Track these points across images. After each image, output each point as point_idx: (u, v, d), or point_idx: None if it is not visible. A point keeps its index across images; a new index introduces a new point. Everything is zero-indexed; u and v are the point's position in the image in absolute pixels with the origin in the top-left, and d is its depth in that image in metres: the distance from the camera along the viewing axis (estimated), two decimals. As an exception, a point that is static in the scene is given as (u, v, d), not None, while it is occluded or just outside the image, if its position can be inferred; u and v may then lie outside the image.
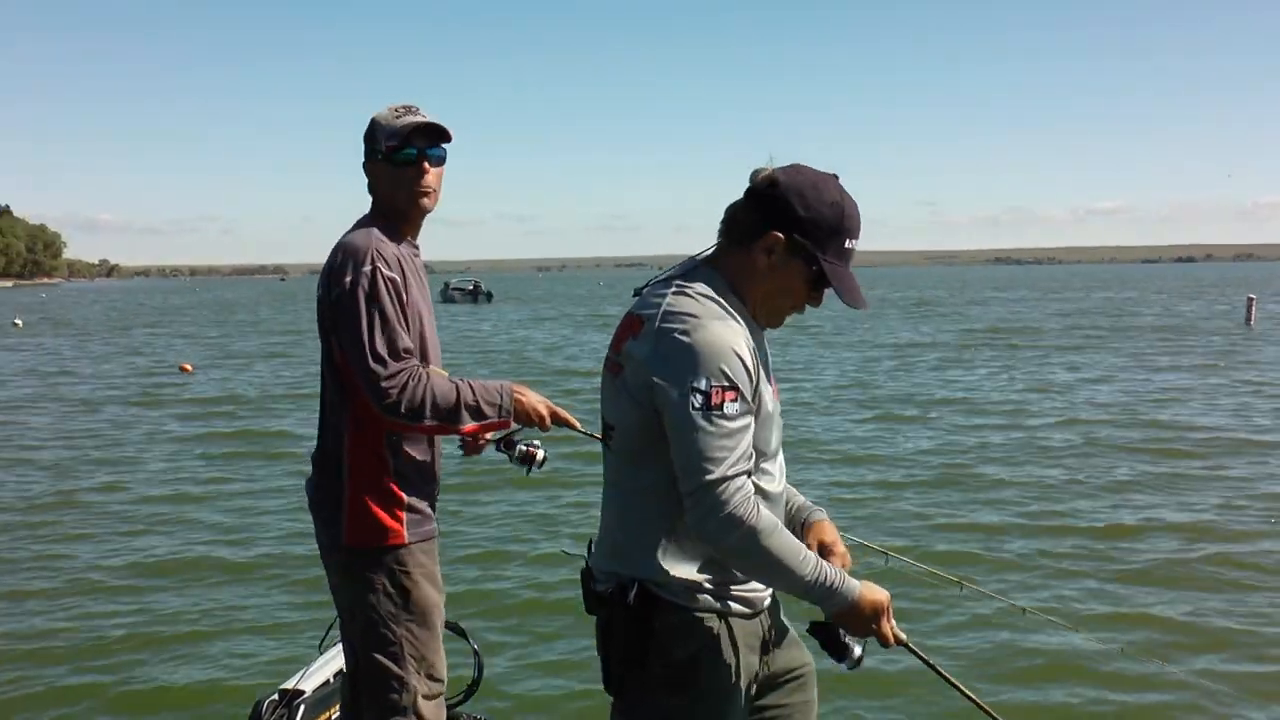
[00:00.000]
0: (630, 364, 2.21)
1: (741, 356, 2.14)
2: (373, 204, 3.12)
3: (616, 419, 2.27)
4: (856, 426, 14.77)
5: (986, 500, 9.97)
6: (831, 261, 2.24)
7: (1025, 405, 16.37)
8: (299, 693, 3.63)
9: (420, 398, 2.86)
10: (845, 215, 2.25)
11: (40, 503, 10.37)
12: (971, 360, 24.47)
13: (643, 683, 2.25)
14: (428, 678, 3.04)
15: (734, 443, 2.10)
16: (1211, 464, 11.43)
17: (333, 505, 3.02)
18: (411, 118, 3.02)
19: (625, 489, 2.30)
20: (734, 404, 2.11)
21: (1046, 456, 12.08)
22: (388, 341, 2.87)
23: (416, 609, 3.01)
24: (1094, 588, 7.25)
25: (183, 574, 7.97)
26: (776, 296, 2.30)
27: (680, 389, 2.10)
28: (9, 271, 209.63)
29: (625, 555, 2.27)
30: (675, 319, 2.17)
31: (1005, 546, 8.32)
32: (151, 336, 38.73)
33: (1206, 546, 8.16)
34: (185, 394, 19.75)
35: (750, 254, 2.27)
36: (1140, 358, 23.97)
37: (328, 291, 2.96)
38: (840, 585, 2.17)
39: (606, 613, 2.29)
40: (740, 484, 2.10)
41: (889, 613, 2.25)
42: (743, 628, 2.30)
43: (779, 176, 2.25)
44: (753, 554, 2.11)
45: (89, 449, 13.61)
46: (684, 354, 2.12)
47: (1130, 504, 9.66)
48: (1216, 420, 14.58)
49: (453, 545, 8.19)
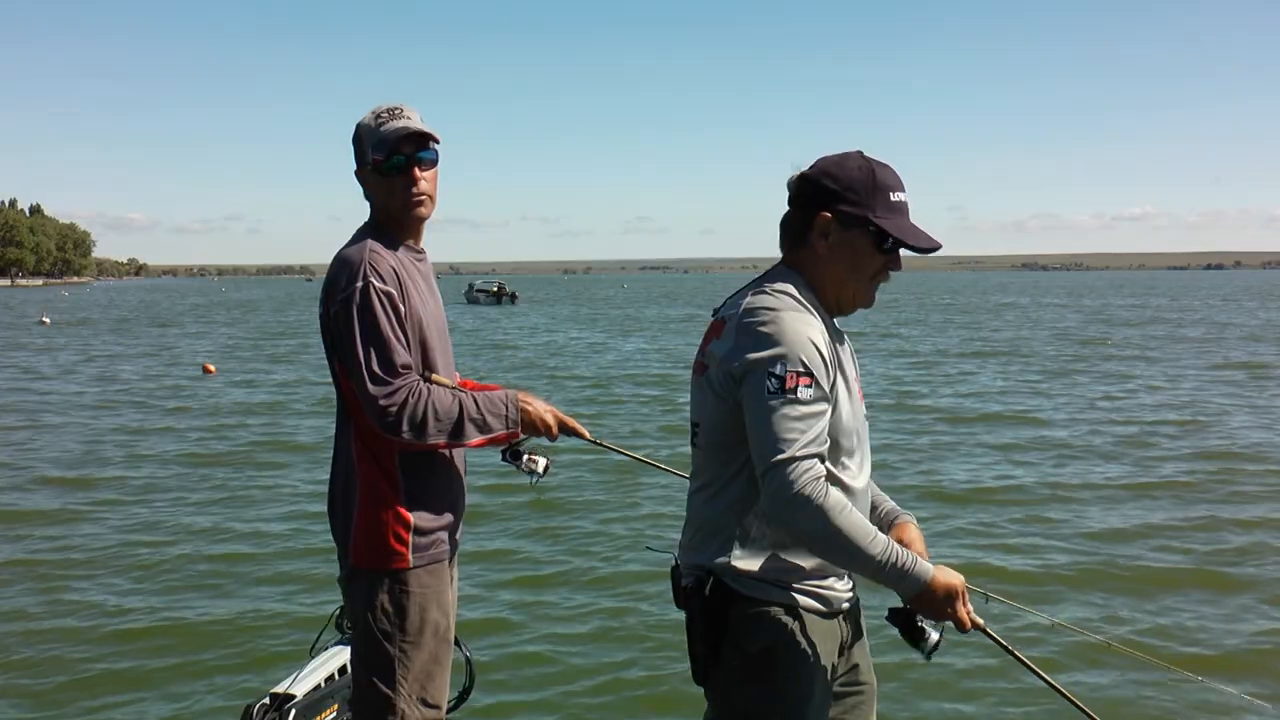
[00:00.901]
0: (713, 362, 2.32)
1: (817, 345, 2.23)
2: (370, 212, 3.05)
3: (701, 416, 2.37)
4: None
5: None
6: (883, 217, 2.32)
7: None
8: (290, 697, 3.58)
9: (422, 414, 2.80)
10: (876, 174, 2.34)
11: (35, 502, 10.41)
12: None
13: (724, 674, 2.31)
14: (420, 702, 2.95)
15: (806, 425, 2.17)
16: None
17: (344, 523, 2.97)
18: (396, 122, 2.93)
19: (708, 486, 2.36)
20: (808, 389, 2.18)
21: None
22: (383, 359, 2.80)
23: (413, 631, 2.93)
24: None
25: (174, 576, 7.99)
26: (851, 275, 2.38)
27: (757, 374, 2.20)
28: (40, 270, 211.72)
29: (705, 550, 2.34)
30: (754, 314, 2.28)
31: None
32: (179, 335, 38.99)
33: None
34: (207, 396, 19.84)
35: (811, 247, 2.38)
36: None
37: (326, 309, 2.91)
38: (913, 567, 2.20)
39: (689, 606, 2.36)
40: (810, 465, 2.15)
41: (965, 596, 2.28)
42: (818, 625, 2.34)
43: (806, 171, 2.40)
44: (821, 533, 2.15)
45: (92, 446, 13.70)
46: (761, 342, 2.22)
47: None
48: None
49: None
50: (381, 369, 2.79)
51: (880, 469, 2.85)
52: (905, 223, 2.36)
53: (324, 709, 3.62)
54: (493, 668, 5.89)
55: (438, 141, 2.98)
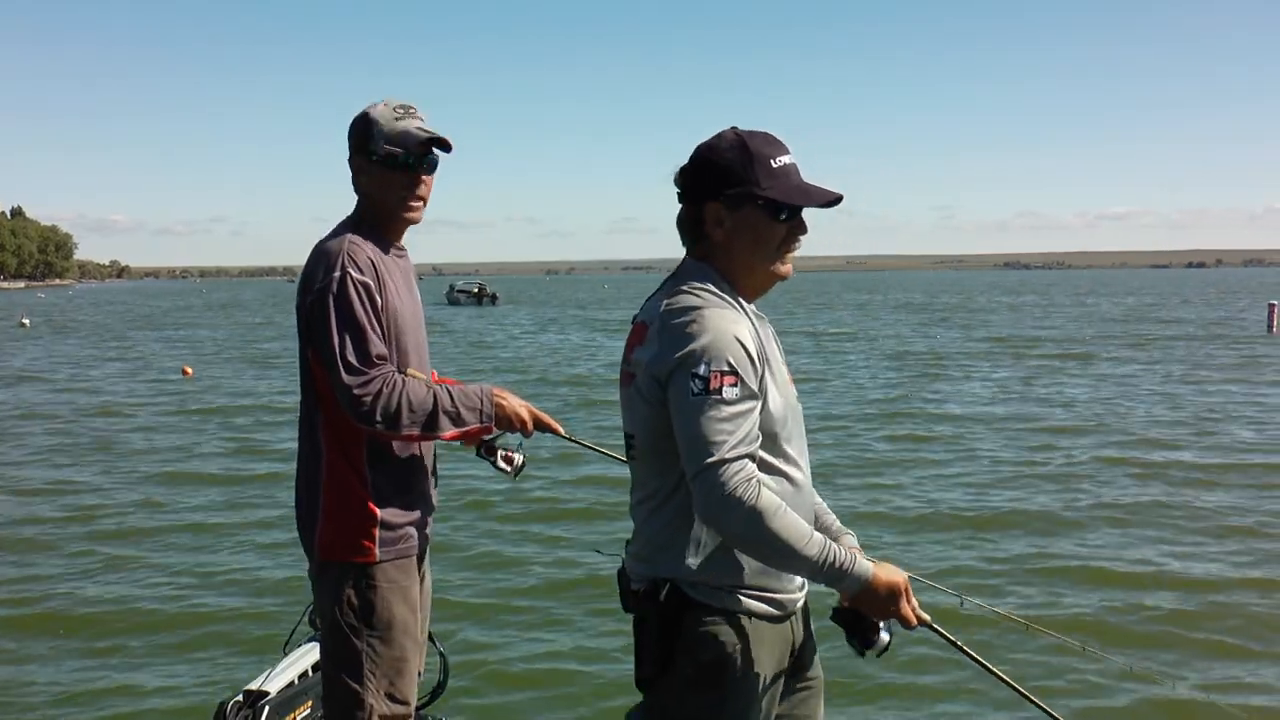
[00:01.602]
0: (639, 369, 2.25)
1: (742, 342, 2.17)
2: (358, 203, 3.04)
3: (635, 427, 2.30)
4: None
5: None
6: (769, 185, 2.26)
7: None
8: (263, 694, 3.57)
9: (396, 405, 2.79)
10: (749, 145, 2.28)
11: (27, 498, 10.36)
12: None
13: (672, 681, 2.25)
14: (388, 697, 2.94)
15: (734, 425, 2.11)
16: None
17: (309, 517, 2.96)
18: (413, 121, 2.95)
19: (651, 497, 2.30)
20: (734, 388, 2.12)
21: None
22: (358, 349, 2.79)
23: (380, 625, 2.92)
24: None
25: (143, 572, 7.96)
26: (757, 254, 2.32)
27: (680, 376, 2.14)
28: (21, 272, 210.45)
29: (656, 556, 2.28)
30: (675, 315, 2.21)
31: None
32: (153, 340, 38.78)
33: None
34: (186, 396, 19.76)
35: (709, 239, 2.32)
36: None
37: (304, 299, 2.90)
38: (852, 566, 2.16)
39: (640, 611, 2.31)
40: (740, 466, 2.09)
41: (908, 593, 2.24)
42: (771, 631, 2.29)
43: (685, 165, 2.35)
44: (755, 535, 2.10)
45: (69, 447, 13.64)
46: (683, 343, 2.15)
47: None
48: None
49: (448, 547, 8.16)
50: (357, 358, 2.79)
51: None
52: (794, 185, 2.29)
53: (297, 705, 3.62)
54: (467, 666, 5.88)
55: (451, 149, 3.01)
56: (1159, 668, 5.78)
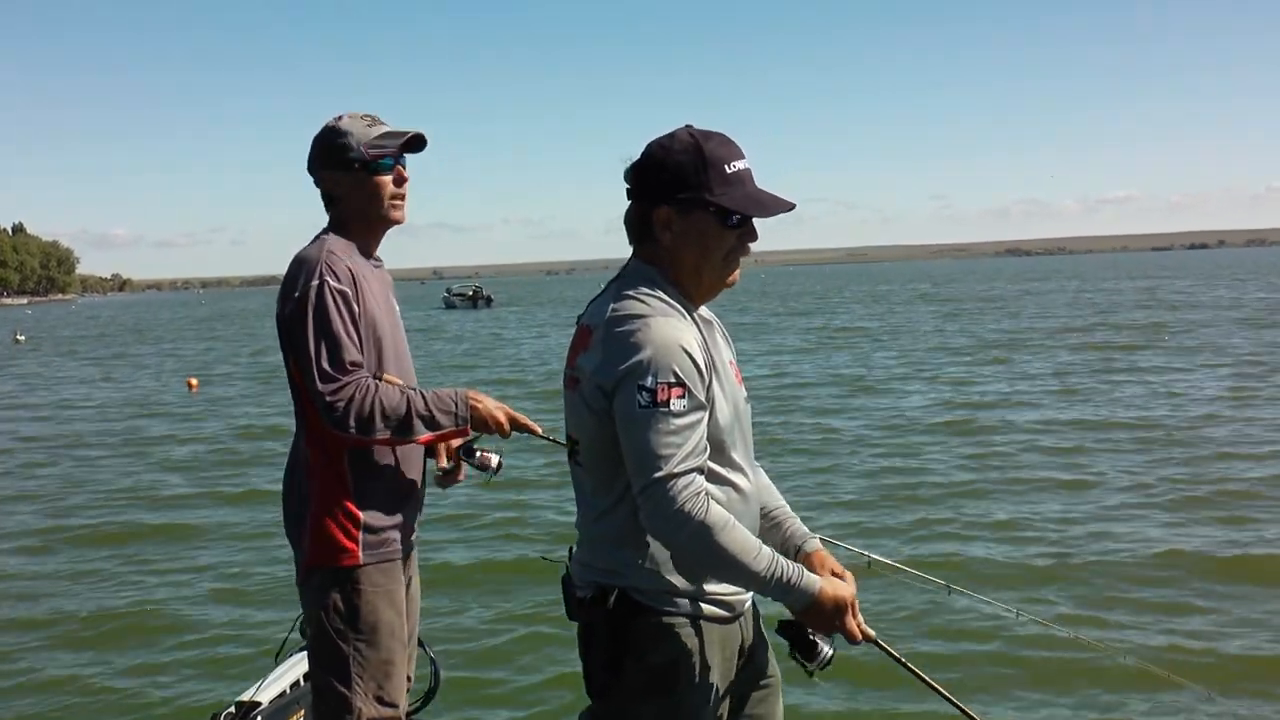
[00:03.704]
0: (584, 376, 2.20)
1: (689, 351, 2.11)
2: (334, 216, 3.04)
3: (580, 432, 2.25)
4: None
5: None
6: (721, 193, 2.19)
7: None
8: (255, 704, 3.58)
9: (369, 410, 2.79)
10: (704, 149, 2.20)
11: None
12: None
13: (622, 688, 2.22)
14: (376, 700, 2.94)
15: (682, 439, 2.07)
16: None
17: (297, 523, 2.97)
18: (385, 127, 2.99)
19: (597, 499, 2.26)
20: (681, 400, 2.08)
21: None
22: (333, 356, 2.81)
23: (366, 628, 2.93)
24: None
25: (136, 582, 7.97)
26: (704, 261, 2.25)
27: (627, 388, 2.09)
28: (24, 288, 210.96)
29: (603, 562, 2.25)
30: (621, 322, 2.15)
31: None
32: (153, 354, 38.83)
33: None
34: (184, 409, 19.78)
35: (657, 241, 2.25)
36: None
37: (283, 308, 2.91)
38: (799, 581, 2.13)
39: (587, 618, 2.27)
40: (688, 481, 2.07)
41: (854, 608, 2.21)
42: (721, 633, 2.26)
43: (635, 162, 2.27)
44: (704, 550, 2.08)
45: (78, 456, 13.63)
46: (629, 353, 2.10)
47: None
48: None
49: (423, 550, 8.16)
50: (331, 365, 2.80)
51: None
52: (747, 193, 2.22)
53: (289, 715, 3.62)
54: (459, 669, 5.87)
55: (424, 148, 3.06)
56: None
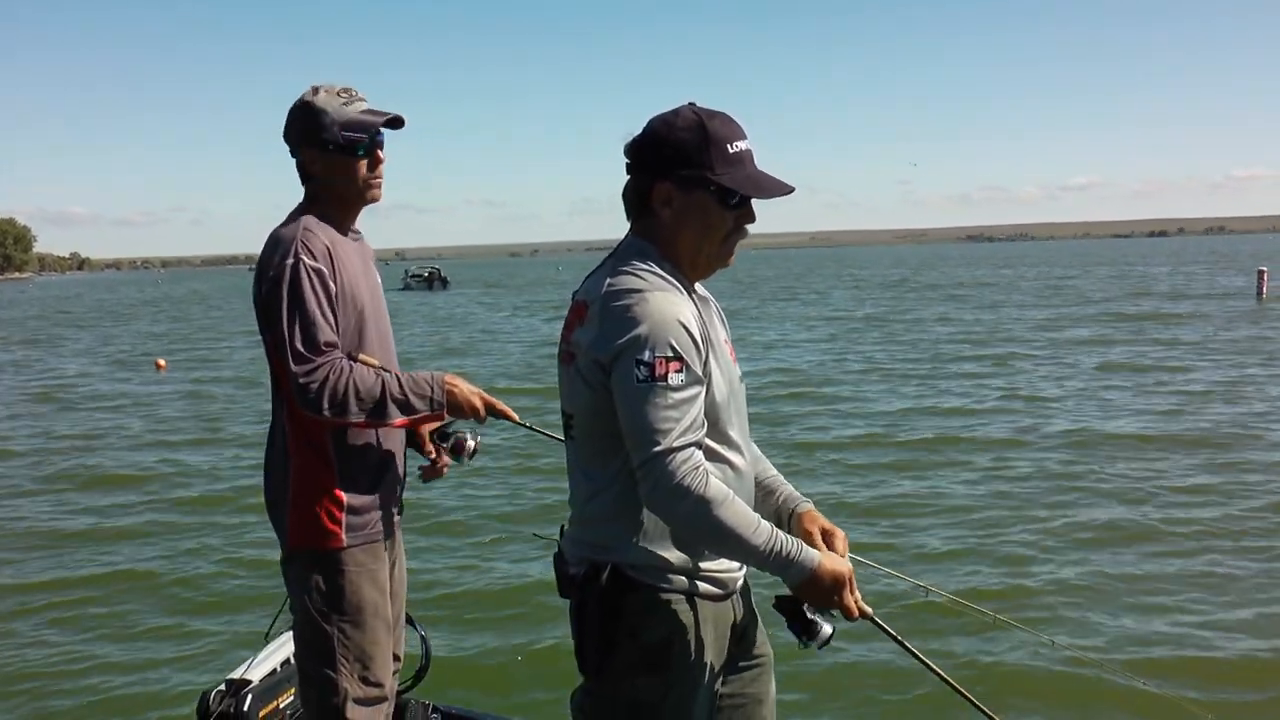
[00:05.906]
0: (579, 350, 2.18)
1: (687, 326, 2.12)
2: (309, 193, 3.00)
3: (575, 408, 2.24)
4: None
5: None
6: (723, 173, 2.19)
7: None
8: (246, 682, 3.58)
9: (342, 392, 2.77)
10: (707, 128, 2.20)
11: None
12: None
13: (616, 665, 2.21)
14: (361, 680, 2.94)
15: (680, 413, 2.08)
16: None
17: (279, 505, 2.96)
18: (360, 104, 2.93)
19: (591, 475, 2.25)
20: (679, 374, 2.08)
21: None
22: (306, 336, 2.77)
23: (350, 609, 2.92)
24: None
25: (126, 561, 7.93)
26: (702, 240, 2.26)
27: (624, 362, 2.09)
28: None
29: (596, 539, 2.24)
30: (618, 297, 2.14)
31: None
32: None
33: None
34: (162, 389, 19.61)
35: (655, 216, 2.25)
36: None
37: (259, 288, 2.88)
38: (798, 555, 2.13)
39: (579, 595, 2.25)
40: (687, 455, 2.07)
41: (852, 584, 2.21)
42: (714, 610, 2.27)
43: (637, 137, 2.27)
44: (703, 524, 2.08)
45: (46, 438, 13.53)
46: (626, 327, 2.10)
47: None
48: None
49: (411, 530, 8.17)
50: (304, 346, 2.76)
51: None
52: (748, 174, 2.22)
53: (280, 693, 3.64)
54: (450, 648, 5.91)
55: (404, 125, 3.00)
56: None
